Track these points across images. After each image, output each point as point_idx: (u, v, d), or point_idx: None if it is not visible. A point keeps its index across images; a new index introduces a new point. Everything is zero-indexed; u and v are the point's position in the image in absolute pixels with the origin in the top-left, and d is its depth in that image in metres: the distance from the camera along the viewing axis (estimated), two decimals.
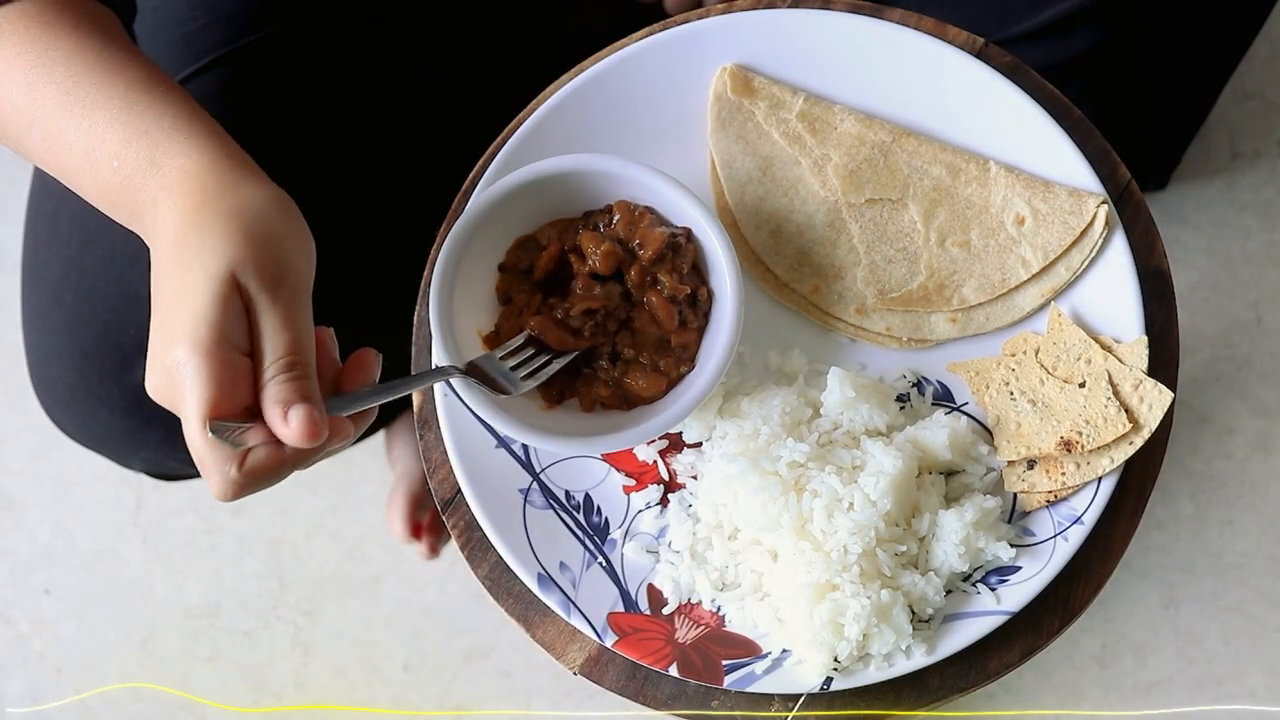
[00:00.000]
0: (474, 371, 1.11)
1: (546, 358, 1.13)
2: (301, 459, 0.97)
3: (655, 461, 1.17)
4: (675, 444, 1.18)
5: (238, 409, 0.95)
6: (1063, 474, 1.12)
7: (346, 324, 1.12)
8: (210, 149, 1.03)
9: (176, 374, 0.94)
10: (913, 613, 1.11)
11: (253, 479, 0.96)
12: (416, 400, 1.20)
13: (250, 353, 0.96)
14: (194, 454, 0.96)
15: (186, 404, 0.94)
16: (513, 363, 1.12)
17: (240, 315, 0.96)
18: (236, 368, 0.95)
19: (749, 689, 1.11)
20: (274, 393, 0.95)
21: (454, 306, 1.15)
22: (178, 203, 1.00)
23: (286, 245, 0.99)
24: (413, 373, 1.20)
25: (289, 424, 0.94)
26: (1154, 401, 1.12)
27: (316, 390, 0.96)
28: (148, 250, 1.03)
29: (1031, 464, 1.13)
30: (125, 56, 1.08)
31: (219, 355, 0.94)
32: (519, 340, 1.14)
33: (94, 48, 1.07)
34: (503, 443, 1.17)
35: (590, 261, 1.14)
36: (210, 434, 0.93)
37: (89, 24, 1.09)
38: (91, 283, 1.33)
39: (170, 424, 1.36)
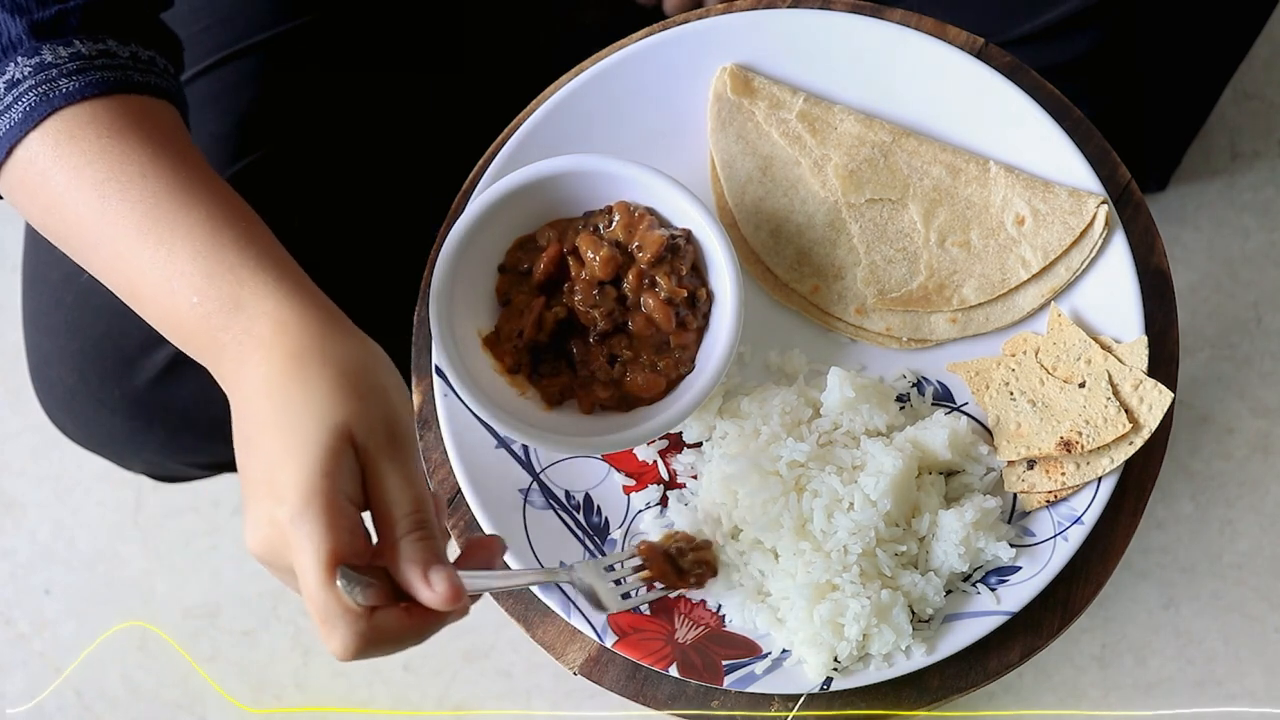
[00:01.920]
0: (586, 585, 1.09)
1: (649, 584, 1.12)
2: (429, 627, 0.94)
3: (655, 462, 1.17)
4: (675, 444, 1.18)
5: (354, 566, 0.91)
6: (1063, 474, 1.12)
7: None
8: (298, 296, 0.99)
9: (292, 528, 0.90)
10: (913, 613, 1.11)
11: (380, 637, 0.91)
12: (416, 400, 1.20)
13: (362, 511, 0.93)
14: (314, 608, 0.91)
15: (304, 555, 0.90)
16: (616, 576, 1.11)
17: (355, 472, 0.93)
18: (354, 521, 0.91)
19: (749, 689, 1.11)
20: (409, 552, 0.91)
21: (454, 307, 1.15)
22: (271, 353, 0.96)
23: (393, 400, 0.96)
24: (412, 373, 1.20)
25: (432, 586, 0.90)
26: (1154, 401, 1.12)
27: (445, 553, 0.93)
28: None
29: (1031, 464, 1.13)
30: (202, 180, 1.04)
31: (338, 506, 0.90)
32: (632, 559, 1.12)
33: (170, 164, 1.04)
34: (503, 443, 1.17)
35: (588, 268, 1.15)
36: (339, 584, 0.89)
37: (160, 134, 1.06)
38: (93, 284, 1.33)
39: (171, 426, 1.37)
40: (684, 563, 1.12)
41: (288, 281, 1.00)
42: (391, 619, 0.92)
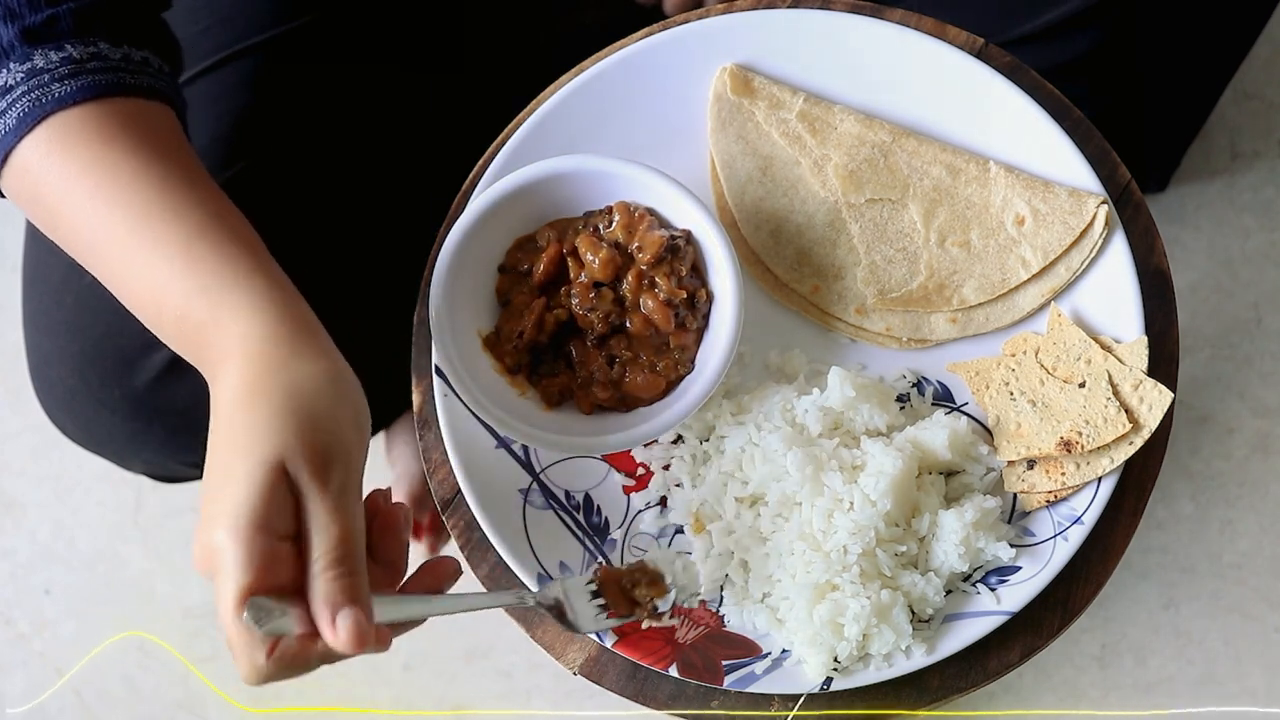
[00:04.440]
0: (552, 601, 1.08)
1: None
2: (334, 657, 0.95)
3: (654, 462, 1.17)
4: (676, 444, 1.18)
5: (274, 593, 0.92)
6: (1063, 474, 1.12)
7: (346, 326, 1.12)
8: (268, 312, 1.00)
9: (216, 556, 0.92)
10: (913, 613, 1.11)
11: (281, 668, 0.93)
12: (416, 400, 1.20)
13: (296, 538, 0.94)
14: (225, 635, 0.93)
15: (222, 584, 0.92)
16: (598, 599, 1.10)
17: (286, 502, 0.93)
18: (276, 556, 0.92)
19: (749, 689, 1.11)
20: (322, 590, 0.92)
21: (454, 307, 1.15)
22: (231, 376, 0.98)
23: (337, 428, 0.96)
24: (412, 373, 1.20)
25: (336, 629, 0.91)
26: (1154, 401, 1.12)
27: (365, 589, 0.93)
28: None
29: (1031, 464, 1.13)
30: (190, 186, 1.05)
31: (257, 544, 0.91)
32: (590, 584, 1.11)
33: (159, 173, 1.04)
34: (503, 443, 1.17)
35: (588, 270, 1.14)
36: (244, 617, 0.91)
37: (151, 138, 1.06)
38: (93, 285, 1.33)
39: (171, 427, 1.37)
40: (636, 594, 1.11)
41: (259, 296, 1.01)
42: (296, 649, 0.93)
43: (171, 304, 1.02)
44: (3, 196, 1.10)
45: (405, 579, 1.01)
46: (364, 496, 0.99)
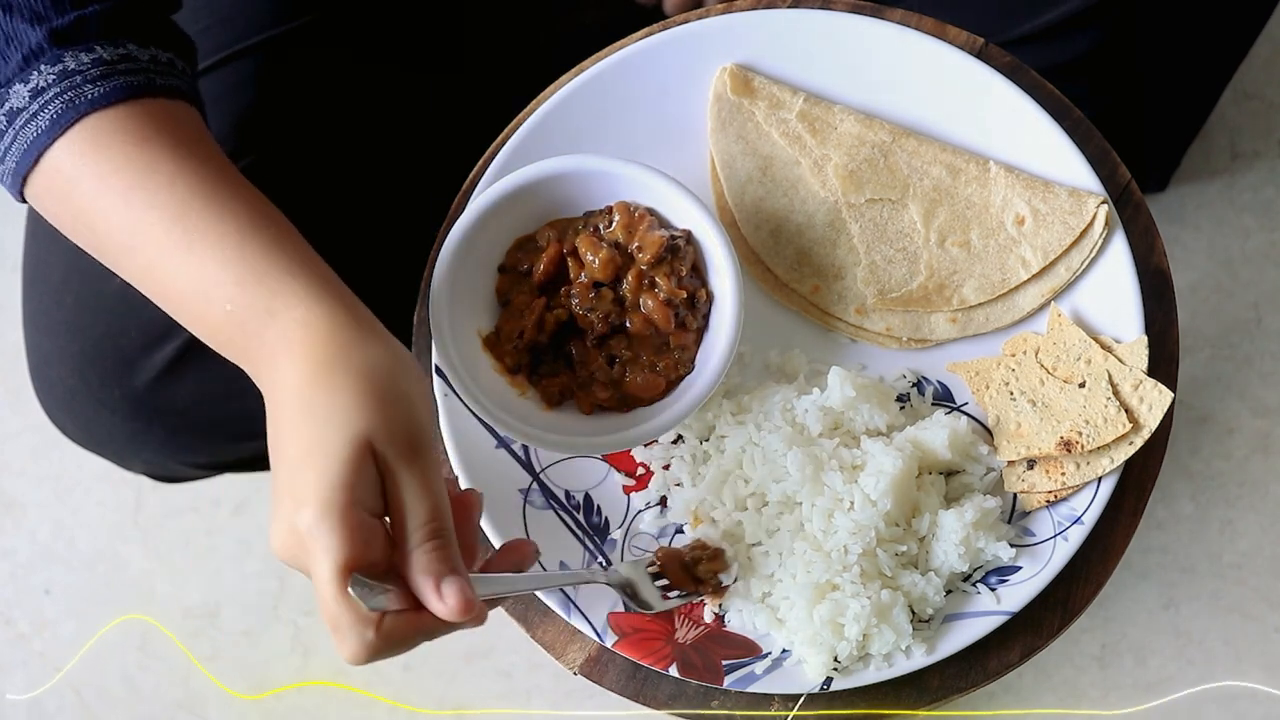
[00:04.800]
0: (623, 581, 1.11)
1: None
2: (438, 630, 0.95)
3: (654, 462, 1.17)
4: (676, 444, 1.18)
5: (370, 571, 0.93)
6: (1063, 474, 1.12)
7: None
8: (328, 301, 1.00)
9: (308, 536, 0.92)
10: (913, 613, 1.11)
11: (390, 643, 0.93)
12: None
13: (382, 518, 0.95)
14: (326, 615, 0.93)
15: (319, 564, 0.91)
16: (660, 581, 1.12)
17: (374, 480, 0.94)
18: (371, 530, 0.93)
19: (749, 689, 1.11)
20: (423, 562, 0.93)
21: (454, 307, 1.15)
22: (299, 359, 0.98)
23: (416, 408, 0.97)
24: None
25: (444, 598, 0.92)
26: (1154, 401, 1.12)
27: (461, 562, 0.95)
28: None
29: (1031, 464, 1.13)
30: (228, 183, 1.05)
31: (353, 517, 0.92)
32: (651, 565, 1.14)
33: (196, 170, 1.04)
34: (503, 443, 1.17)
35: (588, 270, 1.14)
36: (350, 592, 0.91)
37: (185, 138, 1.06)
38: (93, 285, 1.33)
39: (171, 427, 1.37)
40: (699, 571, 1.13)
41: (317, 286, 1.01)
42: (401, 624, 0.93)
43: (221, 296, 1.01)
44: (23, 201, 1.10)
45: (486, 559, 1.03)
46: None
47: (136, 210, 1.03)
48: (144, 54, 1.08)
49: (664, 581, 1.12)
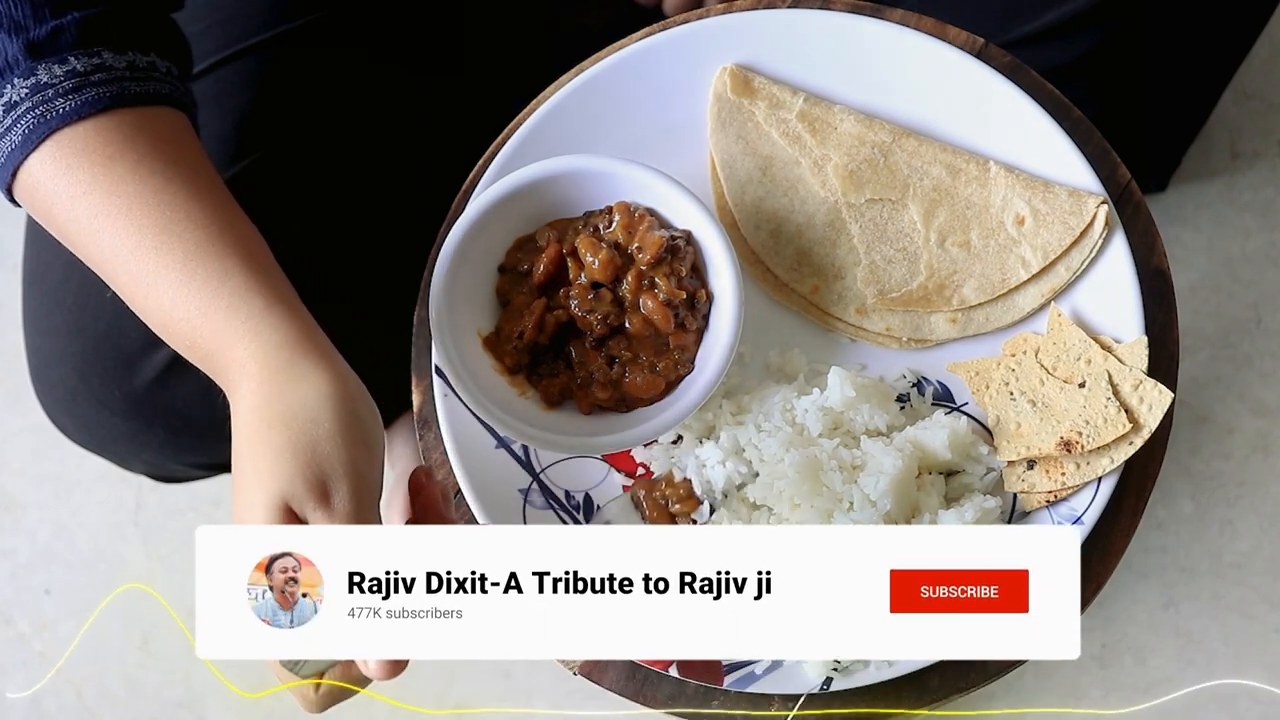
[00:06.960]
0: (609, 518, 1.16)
1: None
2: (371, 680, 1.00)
3: (654, 462, 1.17)
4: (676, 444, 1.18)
5: None
6: (1063, 474, 1.12)
7: (346, 327, 1.12)
8: (265, 338, 1.01)
9: None
10: None
11: (332, 699, 1.00)
12: (416, 400, 1.20)
13: None
14: (276, 674, 0.99)
15: None
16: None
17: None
18: None
19: (749, 689, 1.11)
20: None
21: (454, 307, 1.15)
22: (243, 399, 1.01)
23: (339, 448, 0.98)
24: (412, 373, 1.20)
25: (367, 663, 0.97)
26: (1154, 401, 1.12)
27: None
28: None
29: (1031, 464, 1.13)
30: (188, 200, 1.05)
31: None
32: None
33: (159, 191, 1.05)
34: (503, 443, 1.17)
35: (587, 271, 1.14)
36: (282, 666, 0.95)
37: (155, 149, 1.07)
38: (93, 285, 1.33)
39: (171, 427, 1.37)
40: (675, 511, 1.15)
41: (256, 319, 1.02)
42: (337, 679, 0.99)
43: (178, 331, 1.04)
44: (17, 205, 1.11)
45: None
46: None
47: (105, 235, 1.05)
48: (120, 61, 1.08)
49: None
